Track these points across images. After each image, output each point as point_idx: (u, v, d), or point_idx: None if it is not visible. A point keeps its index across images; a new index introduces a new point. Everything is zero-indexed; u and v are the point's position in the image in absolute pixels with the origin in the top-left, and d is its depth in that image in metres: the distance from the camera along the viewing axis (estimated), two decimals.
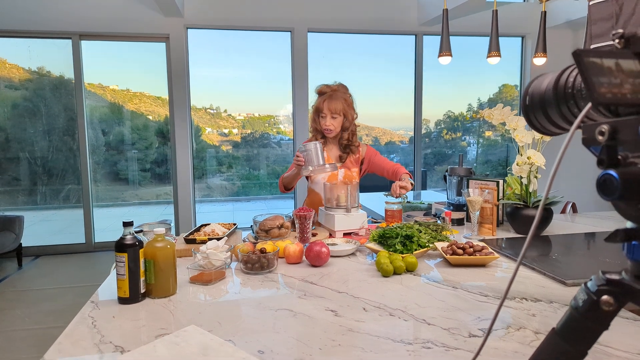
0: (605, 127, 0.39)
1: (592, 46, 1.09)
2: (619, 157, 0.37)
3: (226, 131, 6.29)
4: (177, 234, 4.09)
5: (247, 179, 6.25)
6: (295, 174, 2.00)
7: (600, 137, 0.40)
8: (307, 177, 2.16)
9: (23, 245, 4.23)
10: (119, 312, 1.09)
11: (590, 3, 1.11)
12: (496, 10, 1.98)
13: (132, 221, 1.15)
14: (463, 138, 6.66)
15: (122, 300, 1.13)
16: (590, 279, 0.46)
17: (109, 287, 1.27)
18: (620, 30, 0.37)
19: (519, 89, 5.71)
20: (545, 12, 2.05)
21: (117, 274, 1.13)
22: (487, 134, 7.01)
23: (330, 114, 2.03)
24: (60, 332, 1.02)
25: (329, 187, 1.85)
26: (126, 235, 1.13)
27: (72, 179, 4.90)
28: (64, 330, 1.02)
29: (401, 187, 1.91)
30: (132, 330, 1.00)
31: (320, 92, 2.10)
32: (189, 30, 4.74)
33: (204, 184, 5.78)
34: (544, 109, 0.50)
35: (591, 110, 0.40)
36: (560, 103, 0.48)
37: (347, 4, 4.91)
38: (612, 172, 0.36)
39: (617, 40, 0.37)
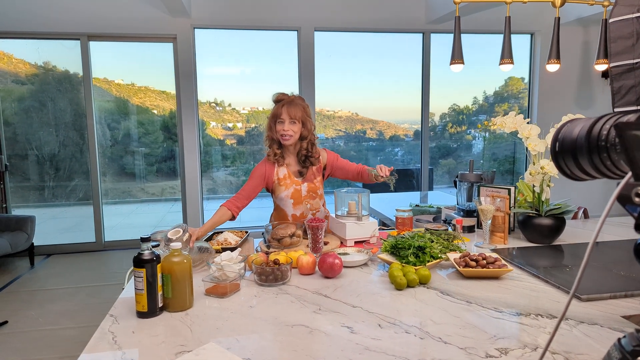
0: None
1: (612, 64, 1.08)
2: None
3: (230, 125, 6.30)
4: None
5: None
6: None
7: (637, 199, 0.40)
8: (271, 192, 2.08)
9: (35, 244, 4.29)
10: (138, 327, 1.11)
11: (610, 21, 1.09)
12: (509, 17, 1.96)
13: (150, 237, 1.16)
14: (468, 131, 6.62)
15: (141, 315, 1.15)
16: (624, 336, 0.46)
17: (126, 299, 1.28)
18: None
19: (526, 81, 5.65)
20: (559, 17, 2.02)
21: (135, 288, 1.14)
22: (493, 127, 6.98)
23: (289, 118, 1.92)
24: (73, 333, 1.04)
25: (337, 196, 1.85)
26: (144, 250, 1.14)
27: (80, 174, 4.93)
28: (76, 331, 1.04)
29: (380, 169, 1.82)
30: (152, 346, 1.01)
31: (278, 100, 1.99)
32: (196, 30, 4.73)
33: (209, 179, 5.79)
34: (575, 157, 0.50)
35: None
36: (593, 153, 0.48)
37: (354, 3, 4.87)
38: None
39: None
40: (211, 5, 4.61)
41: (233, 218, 1.95)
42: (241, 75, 5.93)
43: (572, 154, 0.51)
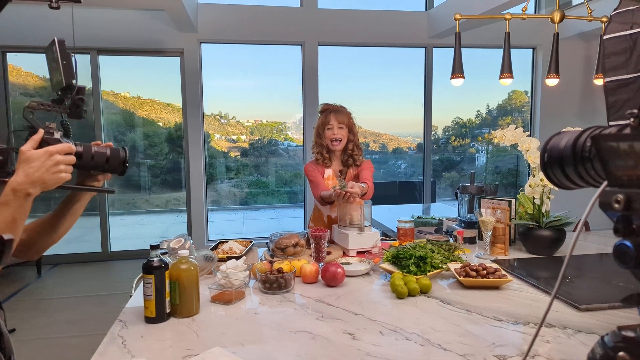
0: (621, 197, 0.43)
1: (607, 79, 1.12)
2: (634, 226, 0.41)
3: (234, 137, 6.38)
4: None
5: (256, 185, 6.32)
6: (330, 197, 1.94)
7: (616, 205, 0.44)
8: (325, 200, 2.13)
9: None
10: (146, 332, 1.14)
11: (605, 37, 1.13)
12: (508, 33, 2.01)
13: (159, 244, 1.20)
14: (471, 144, 6.65)
15: (149, 320, 1.18)
16: (607, 334, 0.49)
17: (135, 305, 1.32)
18: (635, 110, 0.40)
19: (529, 95, 5.70)
20: (557, 33, 2.08)
21: (144, 294, 1.18)
22: (495, 140, 7.01)
23: (337, 124, 2.11)
24: (79, 341, 1.06)
25: (343, 206, 1.89)
26: (153, 257, 1.18)
27: None
28: (82, 339, 1.06)
29: (352, 188, 1.81)
30: (160, 350, 1.04)
31: (324, 109, 2.19)
32: (202, 44, 4.84)
33: (213, 190, 5.85)
34: (562, 167, 0.54)
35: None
36: (578, 164, 0.52)
37: (357, 18, 4.97)
38: (628, 242, 0.39)
39: (631, 120, 0.41)
40: (217, 21, 4.72)
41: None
42: (245, 88, 6.03)
43: (559, 165, 0.55)
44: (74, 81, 0.95)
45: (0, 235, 0.54)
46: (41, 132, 0.92)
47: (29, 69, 5.05)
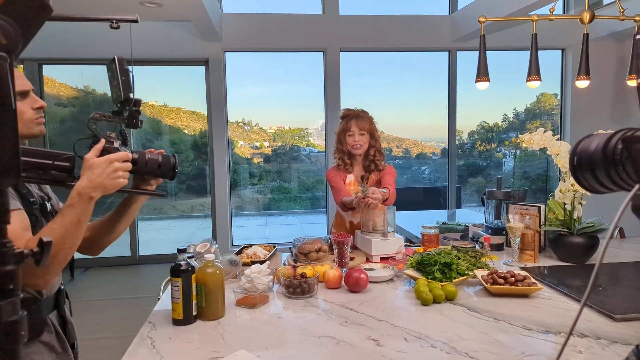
0: None
1: None
2: None
3: (257, 144, 6.47)
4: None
5: (278, 191, 6.38)
6: (351, 202, 1.94)
7: None
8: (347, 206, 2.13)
9: (75, 257, 4.49)
10: (174, 334, 1.17)
11: (638, 37, 1.10)
12: (536, 34, 1.97)
13: (186, 248, 1.23)
14: (498, 149, 6.50)
15: (176, 322, 1.21)
16: None
17: (163, 308, 1.35)
18: None
19: (558, 97, 5.54)
20: (587, 34, 2.02)
21: (172, 297, 1.21)
22: (522, 144, 6.82)
23: (359, 130, 2.10)
24: (110, 343, 1.11)
25: (365, 212, 1.88)
26: (180, 261, 1.21)
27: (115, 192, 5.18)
28: (113, 341, 1.10)
29: (373, 194, 1.82)
30: (187, 351, 1.06)
31: (345, 115, 2.18)
32: (226, 53, 4.94)
33: (236, 196, 5.94)
34: (592, 170, 0.53)
35: None
36: (609, 167, 0.50)
37: (379, 24, 4.97)
38: None
39: None
40: (241, 30, 4.82)
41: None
42: (268, 95, 6.11)
43: (590, 168, 0.53)
44: (131, 95, 1.04)
45: (40, 237, 0.58)
46: (103, 141, 1.03)
47: (63, 80, 5.29)
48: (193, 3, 3.54)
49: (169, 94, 5.77)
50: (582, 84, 2.03)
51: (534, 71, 1.98)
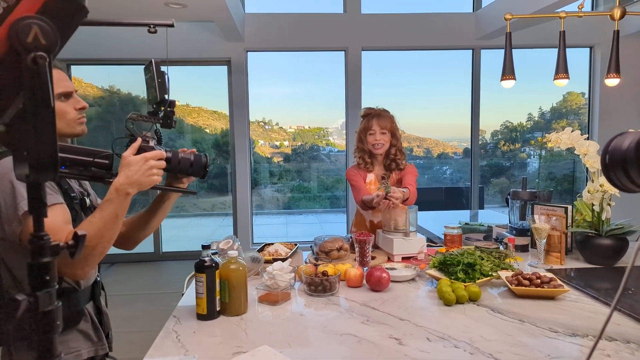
0: None
1: None
2: None
3: (277, 143, 6.52)
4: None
5: (298, 190, 6.41)
6: (372, 201, 1.92)
7: None
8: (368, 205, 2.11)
9: None
10: (198, 328, 1.19)
11: None
12: (564, 32, 1.92)
13: (210, 244, 1.26)
14: (522, 149, 6.34)
15: (200, 317, 1.24)
16: None
17: (187, 304, 1.38)
18: None
19: (586, 96, 5.37)
20: (618, 30, 1.95)
21: (196, 292, 1.23)
22: (549, 144, 6.61)
23: (380, 129, 2.09)
24: (135, 337, 1.14)
25: (387, 211, 1.87)
26: (205, 257, 1.23)
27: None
28: (137, 335, 1.14)
29: (393, 193, 1.81)
30: (211, 346, 1.09)
31: (366, 114, 2.17)
32: (248, 53, 5.00)
33: (257, 195, 6.00)
34: (625, 169, 0.52)
35: None
36: None
37: (401, 22, 4.93)
38: None
39: None
40: (263, 30, 4.86)
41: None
42: (289, 95, 6.15)
43: (622, 167, 0.52)
44: (166, 96, 1.08)
45: (75, 231, 0.60)
46: (139, 140, 1.08)
47: (89, 80, 5.46)
48: (217, 4, 3.60)
49: (190, 93, 5.87)
50: (612, 82, 1.97)
51: (561, 69, 1.94)
